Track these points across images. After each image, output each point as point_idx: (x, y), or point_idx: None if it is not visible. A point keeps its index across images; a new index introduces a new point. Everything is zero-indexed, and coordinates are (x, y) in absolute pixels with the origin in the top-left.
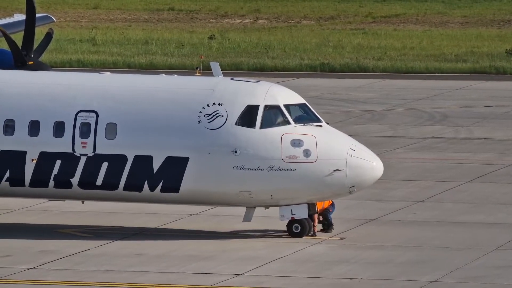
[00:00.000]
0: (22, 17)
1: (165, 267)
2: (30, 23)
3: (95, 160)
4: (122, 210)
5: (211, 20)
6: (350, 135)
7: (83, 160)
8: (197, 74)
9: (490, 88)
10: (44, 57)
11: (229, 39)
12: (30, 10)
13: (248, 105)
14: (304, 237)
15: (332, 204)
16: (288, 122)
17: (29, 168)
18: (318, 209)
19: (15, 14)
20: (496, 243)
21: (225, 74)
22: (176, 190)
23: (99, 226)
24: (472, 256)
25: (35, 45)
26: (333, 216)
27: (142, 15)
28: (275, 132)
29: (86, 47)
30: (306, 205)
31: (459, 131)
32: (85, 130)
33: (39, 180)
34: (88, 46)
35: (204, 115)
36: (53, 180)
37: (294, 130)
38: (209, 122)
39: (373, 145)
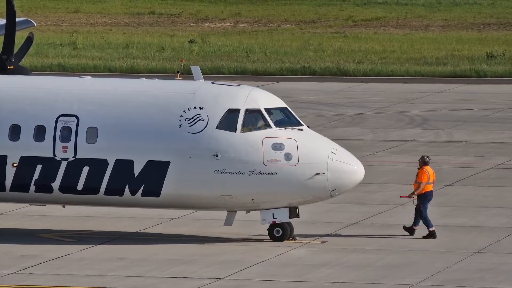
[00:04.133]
0: (2, 21)
1: (146, 271)
2: (10, 27)
3: (76, 165)
4: (103, 214)
5: (191, 24)
6: (331, 139)
7: (64, 164)
8: (178, 78)
9: (471, 91)
10: (25, 61)
11: (209, 43)
12: (10, 14)
13: (229, 109)
14: (285, 241)
15: (424, 198)
16: (269, 126)
17: (9, 173)
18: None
19: None
20: (477, 246)
21: (206, 78)
22: (157, 194)
23: (80, 230)
24: (453, 259)
25: (16, 50)
26: (314, 220)
27: (122, 19)
28: (256, 135)
29: (66, 51)
30: (287, 209)
31: (440, 134)
32: (66, 135)
33: (20, 184)
34: (69, 50)
35: (185, 119)
36: (34, 184)
37: (275, 133)
38: (190, 126)
39: (354, 149)
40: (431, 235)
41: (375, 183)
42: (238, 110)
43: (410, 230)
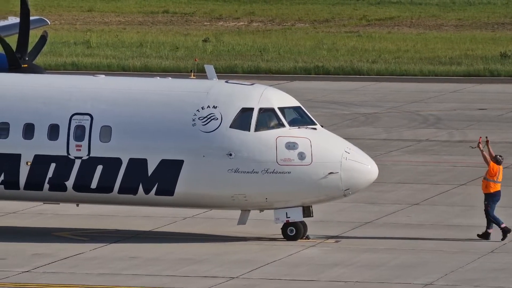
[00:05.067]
0: (16, 20)
1: (160, 270)
2: (24, 26)
3: (89, 163)
4: (117, 213)
5: (205, 23)
6: (345, 138)
7: (77, 163)
8: (192, 77)
9: (484, 91)
10: (39, 60)
11: (223, 42)
12: (24, 12)
13: (242, 108)
14: (299, 240)
15: (492, 197)
16: (282, 125)
17: (23, 171)
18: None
19: (9, 17)
20: (491, 246)
21: (219, 77)
22: (171, 193)
23: (94, 229)
24: (467, 259)
25: (30, 48)
26: (327, 219)
27: (136, 18)
28: (269, 135)
29: (80, 50)
30: (301, 208)
31: (453, 134)
32: (80, 133)
33: (34, 183)
34: (83, 49)
35: (198, 118)
36: (48, 183)
37: (289, 133)
38: (203, 125)
39: (367, 148)
40: (505, 231)
41: (389, 182)
42: (251, 109)
43: (485, 235)
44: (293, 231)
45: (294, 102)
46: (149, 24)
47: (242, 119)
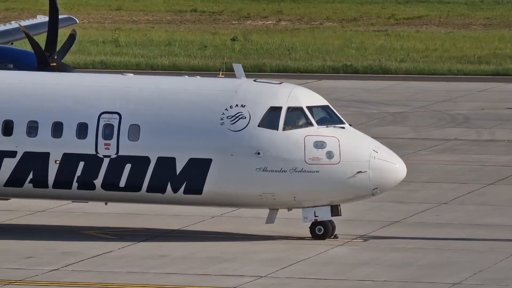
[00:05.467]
0: (45, 18)
1: (188, 269)
2: (53, 25)
3: (118, 162)
4: (145, 211)
5: (233, 22)
6: (373, 137)
7: (106, 161)
8: (220, 75)
9: None
10: (67, 59)
11: (251, 41)
12: (53, 11)
13: (271, 107)
14: (327, 239)
15: None
16: (311, 124)
17: (52, 170)
18: None
19: (38, 16)
20: None
21: (247, 76)
22: (199, 191)
23: (122, 227)
24: (495, 258)
25: (58, 47)
26: (355, 218)
27: (165, 17)
28: (298, 133)
29: (109, 49)
30: (329, 207)
31: (482, 133)
32: (108, 132)
33: (63, 181)
34: (111, 48)
35: (227, 117)
36: (77, 181)
37: (317, 131)
38: (232, 123)
39: (396, 147)
40: None
41: (417, 181)
42: (280, 108)
43: None
44: (321, 230)
45: (323, 101)
46: (177, 23)
47: (271, 118)
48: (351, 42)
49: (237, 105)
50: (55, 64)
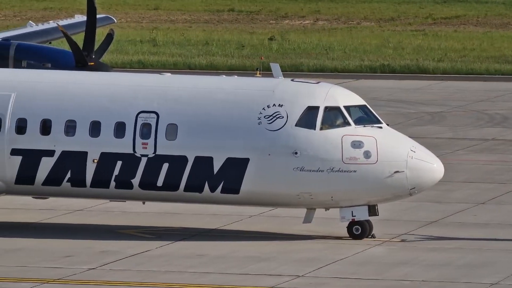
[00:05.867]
0: (83, 18)
1: (226, 268)
2: (91, 24)
3: (155, 161)
4: (183, 211)
5: (271, 21)
6: (410, 137)
7: (143, 161)
8: (257, 75)
9: None
10: (105, 58)
11: (289, 40)
12: (91, 11)
13: (308, 106)
14: (364, 239)
15: None
16: (348, 124)
17: (90, 169)
18: None
19: (76, 15)
20: None
21: (285, 75)
22: (237, 191)
23: (160, 227)
24: None
25: (96, 46)
26: (393, 218)
27: (202, 16)
28: (335, 133)
29: (146, 48)
30: (366, 207)
31: None
32: (146, 131)
33: (100, 180)
34: (149, 47)
35: (264, 116)
36: (114, 180)
37: (355, 131)
38: (269, 123)
39: (433, 147)
40: None
41: (454, 181)
42: (317, 108)
43: None
44: (359, 230)
45: (360, 101)
46: (215, 22)
47: (308, 118)
48: (389, 41)
49: (274, 105)
50: (93, 63)
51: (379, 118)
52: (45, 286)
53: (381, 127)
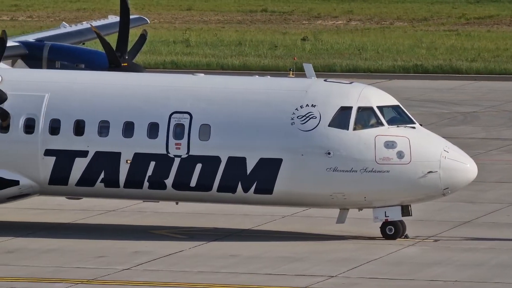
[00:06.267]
0: (116, 19)
1: (259, 269)
2: (124, 25)
3: (189, 162)
4: (215, 211)
5: (304, 22)
6: (443, 137)
7: (177, 161)
8: (290, 75)
9: None
10: (138, 59)
11: (322, 41)
12: (124, 11)
13: (341, 107)
14: (398, 239)
15: None
16: (381, 124)
17: (123, 169)
18: None
19: (109, 16)
20: None
21: (318, 76)
22: (270, 191)
23: (193, 227)
24: None
25: (129, 47)
26: (426, 218)
27: (235, 17)
28: (368, 133)
29: (179, 49)
30: (399, 207)
31: None
32: (179, 132)
33: (134, 181)
34: (182, 48)
35: (297, 117)
36: (148, 181)
37: (388, 131)
38: (302, 123)
39: (466, 147)
40: None
41: (488, 181)
42: (350, 108)
43: None
44: (392, 230)
45: (393, 101)
46: (247, 23)
47: (341, 118)
48: (422, 42)
49: (307, 105)
50: (126, 64)
51: (412, 118)
52: (79, 286)
53: (414, 127)
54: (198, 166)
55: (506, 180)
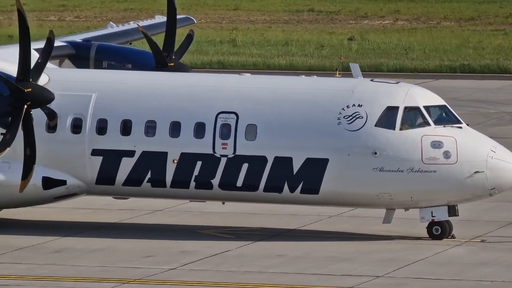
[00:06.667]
0: (163, 18)
1: (305, 268)
2: (171, 25)
3: (235, 161)
4: (262, 211)
5: (350, 21)
6: (490, 137)
7: (223, 161)
8: (337, 75)
9: None
10: (185, 59)
11: (368, 40)
12: (171, 11)
13: (388, 107)
14: (444, 239)
15: None
16: (428, 124)
17: (170, 169)
18: None
19: (156, 16)
20: None
21: (364, 76)
22: (316, 191)
23: (239, 227)
24: None
25: (176, 47)
26: (473, 219)
27: (282, 16)
28: (415, 133)
29: (226, 49)
30: (446, 207)
31: None
32: (226, 131)
33: (180, 181)
34: (229, 48)
35: (344, 116)
36: (194, 181)
37: (434, 131)
38: (349, 123)
39: None
40: None
41: None
42: (397, 108)
43: None
44: (439, 230)
45: (440, 101)
46: (294, 23)
47: (387, 118)
48: (469, 41)
49: (354, 105)
50: (173, 64)
51: (459, 118)
52: (126, 286)
53: (461, 127)
54: (245, 166)
55: None
